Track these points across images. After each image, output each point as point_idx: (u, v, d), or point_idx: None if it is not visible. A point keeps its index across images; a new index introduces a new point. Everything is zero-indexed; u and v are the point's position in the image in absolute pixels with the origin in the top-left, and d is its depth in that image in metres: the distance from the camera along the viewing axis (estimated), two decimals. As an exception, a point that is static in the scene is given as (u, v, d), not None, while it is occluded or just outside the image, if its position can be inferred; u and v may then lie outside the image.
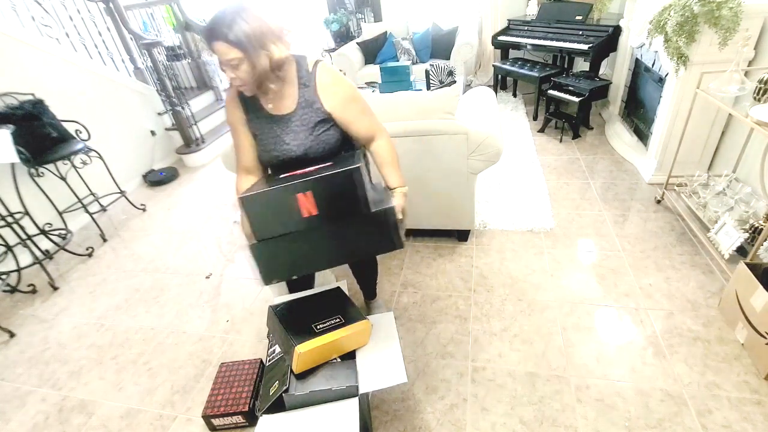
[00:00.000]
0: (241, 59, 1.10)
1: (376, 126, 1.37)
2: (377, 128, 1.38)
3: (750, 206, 2.06)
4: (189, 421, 1.70)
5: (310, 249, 1.21)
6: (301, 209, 1.15)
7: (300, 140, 1.30)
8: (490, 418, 1.54)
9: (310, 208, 1.14)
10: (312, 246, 1.21)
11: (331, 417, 1.25)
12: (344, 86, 1.31)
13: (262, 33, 1.10)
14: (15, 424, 1.79)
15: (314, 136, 1.30)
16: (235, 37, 1.07)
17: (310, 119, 1.29)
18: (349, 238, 1.22)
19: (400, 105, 2.16)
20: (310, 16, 5.39)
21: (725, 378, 1.56)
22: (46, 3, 3.48)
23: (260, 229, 1.18)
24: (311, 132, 1.30)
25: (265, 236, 1.18)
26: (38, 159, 2.66)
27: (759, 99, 1.85)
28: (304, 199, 1.13)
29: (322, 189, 1.14)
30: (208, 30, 1.10)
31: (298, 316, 1.42)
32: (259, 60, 1.11)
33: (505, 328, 1.89)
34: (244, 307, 2.24)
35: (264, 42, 1.11)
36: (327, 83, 1.28)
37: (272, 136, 1.32)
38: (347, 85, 1.32)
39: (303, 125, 1.29)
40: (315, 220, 1.16)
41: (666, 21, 2.25)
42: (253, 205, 1.15)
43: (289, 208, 1.14)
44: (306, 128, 1.29)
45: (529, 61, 4.06)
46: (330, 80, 1.29)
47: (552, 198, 2.74)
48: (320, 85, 1.28)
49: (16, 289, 2.57)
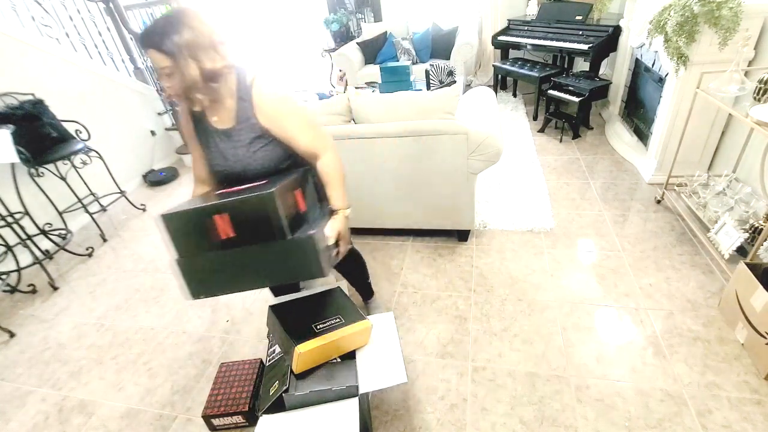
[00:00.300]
0: (173, 68, 1.09)
1: (320, 142, 1.30)
2: (320, 145, 1.30)
3: (750, 206, 2.06)
4: (189, 421, 1.70)
5: (234, 269, 1.19)
6: (219, 231, 1.13)
7: (238, 156, 1.27)
8: (490, 418, 1.54)
9: (227, 230, 1.13)
10: (236, 266, 1.18)
11: (331, 417, 1.25)
12: (280, 101, 1.25)
13: (194, 43, 1.08)
14: (15, 424, 1.79)
15: (251, 152, 1.27)
16: (165, 46, 1.06)
17: (247, 135, 1.25)
18: (269, 261, 1.18)
19: (400, 105, 2.16)
20: (310, 16, 5.39)
21: (725, 378, 1.56)
22: (46, 3, 3.48)
23: (179, 247, 1.17)
24: (248, 148, 1.26)
25: (185, 255, 1.17)
26: (38, 159, 2.66)
27: (759, 99, 1.85)
28: (221, 221, 1.12)
29: (237, 212, 1.11)
30: (141, 37, 1.11)
31: (298, 316, 1.42)
32: (188, 69, 1.09)
33: (505, 328, 1.89)
34: (244, 307, 2.24)
35: (195, 52, 1.08)
36: (262, 98, 1.23)
37: (215, 150, 1.30)
38: (284, 99, 1.26)
39: (240, 141, 1.26)
40: (233, 242, 1.14)
41: (666, 21, 2.25)
42: (172, 222, 1.14)
43: (206, 229, 1.12)
44: (243, 144, 1.26)
45: (529, 61, 4.06)
46: (266, 96, 1.23)
47: (552, 198, 2.74)
48: (256, 100, 1.22)
49: (16, 289, 2.57)
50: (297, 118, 1.27)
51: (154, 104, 4.05)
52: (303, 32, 5.79)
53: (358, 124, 2.21)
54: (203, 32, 1.10)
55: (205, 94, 1.16)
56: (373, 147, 2.17)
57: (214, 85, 1.16)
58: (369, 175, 2.28)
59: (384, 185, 2.30)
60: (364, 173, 2.28)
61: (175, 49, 1.06)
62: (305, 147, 1.29)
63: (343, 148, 2.21)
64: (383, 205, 2.39)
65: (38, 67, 3.04)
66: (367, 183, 2.32)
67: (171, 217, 1.14)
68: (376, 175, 2.27)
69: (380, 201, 2.37)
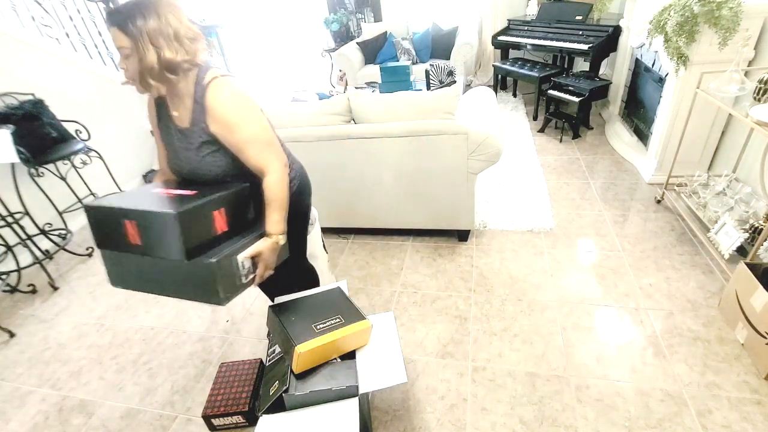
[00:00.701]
0: (132, 50, 1.08)
1: (267, 160, 1.22)
2: (268, 163, 1.22)
3: (750, 206, 2.06)
4: (189, 421, 1.70)
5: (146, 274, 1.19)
6: (128, 235, 1.13)
7: (188, 158, 1.25)
8: (490, 418, 1.54)
9: (135, 236, 1.12)
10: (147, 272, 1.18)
11: (331, 417, 1.25)
12: (232, 109, 1.17)
13: (158, 30, 1.07)
14: (15, 424, 1.79)
15: (200, 157, 1.23)
16: (128, 27, 1.06)
17: (197, 138, 1.21)
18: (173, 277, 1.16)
19: (400, 105, 2.16)
20: (310, 16, 5.39)
21: (725, 378, 1.56)
22: (46, 3, 3.48)
23: (97, 237, 1.18)
24: (197, 152, 1.23)
25: (101, 245, 1.19)
26: (38, 159, 2.66)
27: (759, 99, 1.85)
28: (130, 227, 1.11)
29: (142, 222, 1.10)
30: (108, 14, 1.10)
31: (298, 316, 1.41)
32: (146, 54, 1.07)
33: (505, 328, 1.88)
34: (244, 307, 2.24)
35: (157, 39, 1.07)
36: (213, 103, 1.16)
37: (171, 148, 1.29)
38: (237, 108, 1.18)
39: (191, 143, 1.23)
40: (140, 249, 1.13)
41: (666, 21, 2.25)
42: (91, 215, 1.16)
43: (117, 230, 1.13)
44: (194, 147, 1.23)
45: (529, 61, 4.06)
46: (217, 101, 1.16)
47: (552, 198, 2.74)
48: (207, 104, 1.17)
49: (16, 289, 2.57)
50: (248, 129, 1.19)
51: (154, 104, 4.04)
52: (303, 32, 5.79)
53: (358, 124, 2.21)
54: (170, 22, 1.09)
55: (159, 82, 1.13)
56: (373, 147, 2.17)
57: (171, 76, 1.13)
58: (369, 175, 2.28)
59: (384, 185, 2.30)
60: (364, 173, 2.28)
61: (136, 32, 1.05)
62: (253, 162, 1.22)
63: (343, 148, 2.22)
64: (383, 205, 2.39)
65: (38, 67, 3.04)
66: (367, 183, 2.32)
67: (91, 209, 1.16)
68: (376, 175, 2.27)
69: (380, 201, 2.38)
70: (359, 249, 2.54)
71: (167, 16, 1.09)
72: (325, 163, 2.29)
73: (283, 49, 6.18)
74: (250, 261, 1.23)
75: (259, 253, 1.22)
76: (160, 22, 1.08)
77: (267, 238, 1.24)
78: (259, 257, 1.23)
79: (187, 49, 1.13)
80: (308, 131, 2.22)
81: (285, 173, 1.25)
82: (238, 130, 1.18)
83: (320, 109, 2.25)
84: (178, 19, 1.11)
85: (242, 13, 5.89)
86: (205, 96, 1.17)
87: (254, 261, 1.24)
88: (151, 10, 1.07)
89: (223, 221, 1.22)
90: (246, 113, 1.19)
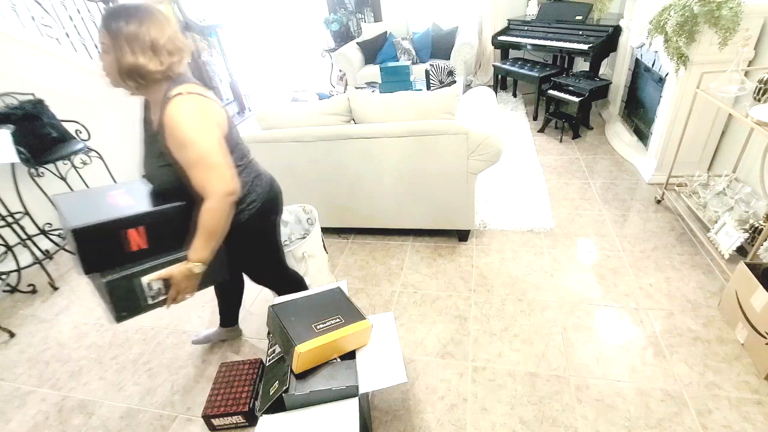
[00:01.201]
0: (109, 47, 1.14)
1: (207, 186, 1.17)
2: (207, 188, 1.17)
3: (750, 206, 2.06)
4: (189, 421, 1.70)
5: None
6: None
7: (149, 163, 1.30)
8: (490, 418, 1.54)
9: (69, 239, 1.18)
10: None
11: (331, 417, 1.25)
12: (182, 128, 1.14)
13: (135, 36, 1.13)
14: (15, 424, 1.79)
15: (156, 167, 1.27)
16: (110, 25, 1.13)
17: (158, 147, 1.23)
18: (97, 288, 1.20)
19: (400, 105, 2.16)
20: (310, 16, 5.39)
21: (725, 378, 1.56)
22: (46, 3, 3.48)
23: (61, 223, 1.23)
24: (154, 162, 1.27)
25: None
26: (38, 159, 2.66)
27: (759, 99, 1.85)
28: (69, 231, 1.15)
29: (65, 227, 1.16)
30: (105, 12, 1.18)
31: (298, 316, 1.41)
32: (122, 55, 1.13)
33: (505, 328, 1.89)
34: (244, 307, 2.23)
35: (132, 44, 1.13)
36: (168, 118, 1.16)
37: (143, 149, 1.33)
38: (187, 128, 1.15)
39: (153, 150, 1.27)
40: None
41: (666, 21, 2.25)
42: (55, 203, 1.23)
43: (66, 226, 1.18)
44: (153, 155, 1.27)
45: (529, 61, 4.06)
46: (172, 116, 1.15)
47: (552, 198, 2.74)
48: (165, 118, 1.17)
49: (16, 289, 2.57)
50: (194, 151, 1.15)
51: (154, 104, 4.04)
52: (303, 32, 5.79)
53: (358, 124, 2.21)
54: (149, 32, 1.14)
55: (129, 83, 1.18)
56: (373, 147, 2.17)
57: (141, 81, 1.18)
58: (369, 175, 2.28)
59: (384, 185, 2.30)
60: (364, 173, 2.28)
61: (116, 32, 1.12)
62: (195, 184, 1.18)
63: (343, 149, 2.22)
64: (383, 205, 2.39)
65: (38, 67, 3.04)
66: (367, 183, 2.32)
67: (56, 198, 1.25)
68: (375, 175, 2.28)
69: (380, 201, 2.38)
70: (359, 249, 2.54)
71: (149, 26, 1.15)
72: (325, 163, 2.29)
73: (283, 49, 6.18)
74: (161, 283, 1.23)
75: (170, 277, 1.23)
76: (140, 30, 1.13)
77: (184, 263, 1.23)
78: (171, 281, 1.24)
79: (162, 61, 1.18)
80: (308, 131, 2.22)
81: (223, 203, 1.18)
82: (185, 150, 1.16)
83: (320, 109, 2.26)
84: (159, 32, 1.16)
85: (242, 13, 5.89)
86: (165, 109, 1.18)
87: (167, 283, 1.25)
88: (134, 17, 1.14)
89: (142, 239, 1.21)
90: (196, 135, 1.15)
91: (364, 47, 4.69)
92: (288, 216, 2.10)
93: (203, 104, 1.20)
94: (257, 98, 5.66)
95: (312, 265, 1.89)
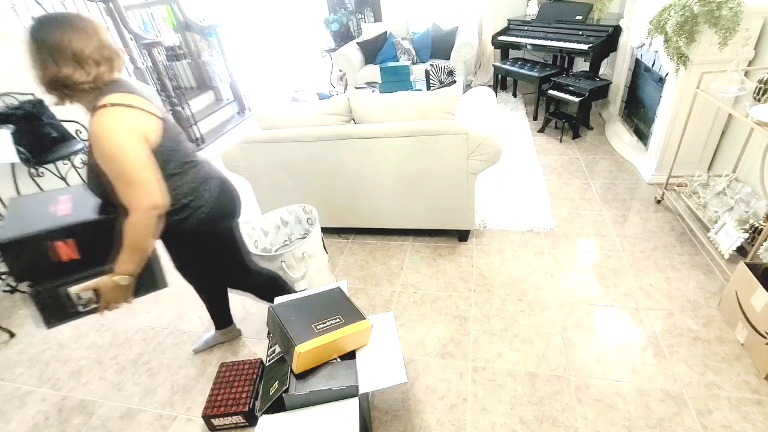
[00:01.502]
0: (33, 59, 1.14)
1: (129, 200, 1.15)
2: (129, 203, 1.15)
3: (750, 206, 2.06)
4: (189, 421, 1.70)
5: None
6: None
7: (87, 174, 1.29)
8: (490, 418, 1.54)
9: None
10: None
11: (331, 417, 1.24)
12: (103, 141, 1.12)
13: (58, 46, 1.12)
14: (15, 424, 1.79)
15: (90, 177, 1.28)
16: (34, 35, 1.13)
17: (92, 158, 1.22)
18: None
19: (400, 105, 2.16)
20: (310, 16, 5.39)
21: (725, 378, 1.56)
22: (46, 3, 3.48)
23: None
24: (89, 172, 1.27)
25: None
26: (38, 159, 2.66)
27: (759, 99, 1.85)
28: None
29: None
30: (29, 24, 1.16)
31: (298, 316, 1.41)
32: (45, 66, 1.13)
33: (505, 328, 1.89)
34: (244, 307, 2.24)
35: (55, 54, 1.12)
36: (91, 130, 1.15)
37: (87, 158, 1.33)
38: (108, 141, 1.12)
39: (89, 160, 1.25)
40: None
41: (666, 21, 2.25)
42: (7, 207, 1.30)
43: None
44: (88, 163, 1.26)
45: (529, 61, 4.06)
46: (93, 128, 1.14)
47: (552, 198, 2.74)
48: (90, 129, 1.16)
49: (16, 289, 2.57)
50: (115, 164, 1.13)
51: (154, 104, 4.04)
52: (303, 32, 5.79)
53: (358, 124, 2.21)
54: (72, 43, 1.13)
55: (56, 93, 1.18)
56: (373, 147, 2.17)
57: (66, 92, 1.17)
58: (369, 175, 2.28)
59: (384, 185, 2.30)
60: (364, 173, 2.28)
61: (38, 42, 1.12)
62: (120, 198, 1.17)
63: (343, 149, 2.22)
64: (383, 205, 2.39)
65: (38, 67, 3.04)
66: (367, 183, 2.32)
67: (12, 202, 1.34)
68: (376, 175, 2.28)
69: (380, 201, 2.38)
70: (359, 249, 2.54)
71: (71, 37, 1.13)
72: (325, 163, 2.29)
73: (283, 49, 6.18)
74: (91, 292, 1.26)
75: (97, 288, 1.25)
76: (62, 41, 1.12)
77: (110, 275, 1.24)
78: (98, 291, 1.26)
79: (89, 71, 1.16)
80: (308, 131, 2.22)
81: (146, 217, 1.17)
82: (108, 163, 1.15)
83: (320, 109, 2.26)
84: (84, 42, 1.15)
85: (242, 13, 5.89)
86: (90, 121, 1.17)
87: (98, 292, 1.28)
88: (55, 27, 1.13)
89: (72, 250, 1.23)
90: (118, 148, 1.13)
91: (364, 47, 4.69)
92: (288, 216, 2.10)
93: (127, 116, 1.17)
94: (257, 98, 5.67)
95: (312, 265, 1.89)
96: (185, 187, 1.35)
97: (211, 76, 4.85)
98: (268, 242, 2.08)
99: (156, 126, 1.25)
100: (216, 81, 4.87)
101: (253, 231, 1.99)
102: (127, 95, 1.21)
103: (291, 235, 2.14)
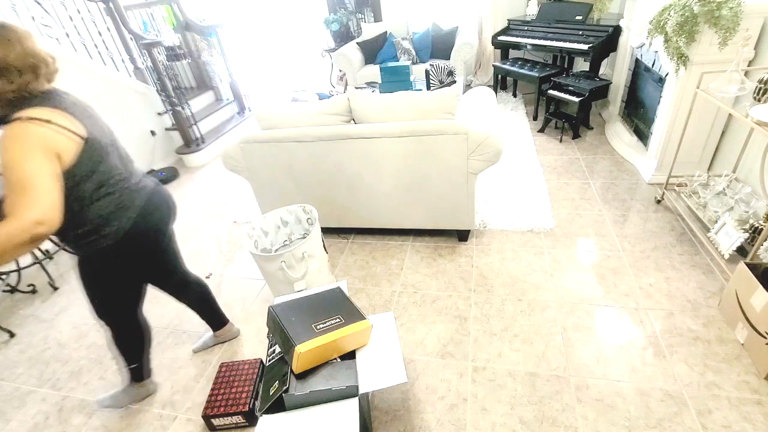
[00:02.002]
0: None
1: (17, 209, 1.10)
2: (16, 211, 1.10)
3: (750, 206, 2.06)
4: (189, 421, 1.70)
5: None
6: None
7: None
8: (490, 418, 1.54)
9: None
10: None
11: (331, 417, 1.24)
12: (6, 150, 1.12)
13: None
14: (15, 423, 1.79)
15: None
16: None
17: None
18: None
19: (400, 105, 2.16)
20: (310, 16, 5.40)
21: (725, 378, 1.56)
22: (46, 3, 3.48)
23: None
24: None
25: None
26: None
27: (759, 99, 1.85)
28: None
29: None
30: None
31: (298, 316, 1.41)
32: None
33: (505, 328, 1.89)
34: (244, 307, 2.24)
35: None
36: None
37: None
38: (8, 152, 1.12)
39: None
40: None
41: (666, 21, 2.25)
42: None
43: None
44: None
45: (529, 61, 4.06)
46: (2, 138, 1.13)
47: (552, 198, 2.74)
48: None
49: (16, 289, 2.57)
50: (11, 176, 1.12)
51: (154, 104, 4.05)
52: (303, 32, 5.79)
53: (358, 124, 2.21)
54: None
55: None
56: (373, 147, 2.17)
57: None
58: (369, 175, 2.28)
59: (384, 185, 2.30)
60: (364, 173, 2.28)
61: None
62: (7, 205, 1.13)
63: (343, 149, 2.22)
64: (383, 205, 2.39)
65: (38, 67, 3.04)
66: (367, 183, 2.32)
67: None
68: (375, 175, 2.28)
69: (380, 201, 2.38)
70: (359, 249, 2.54)
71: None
72: (325, 163, 2.29)
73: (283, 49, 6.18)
74: None
75: None
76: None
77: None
78: None
79: (12, 80, 1.16)
80: (308, 131, 2.22)
81: (24, 230, 1.10)
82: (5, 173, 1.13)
83: (320, 109, 2.26)
84: (5, 50, 1.14)
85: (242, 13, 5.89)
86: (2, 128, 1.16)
87: None
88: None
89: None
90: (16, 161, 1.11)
91: (364, 47, 4.69)
92: (288, 216, 2.10)
93: (38, 132, 1.14)
94: (257, 98, 5.67)
95: (312, 265, 1.89)
96: (93, 213, 1.33)
97: (211, 76, 4.85)
98: (268, 242, 2.08)
99: (72, 147, 1.22)
100: (216, 81, 4.87)
101: (253, 231, 1.99)
102: (49, 110, 1.19)
103: (291, 235, 2.14)
